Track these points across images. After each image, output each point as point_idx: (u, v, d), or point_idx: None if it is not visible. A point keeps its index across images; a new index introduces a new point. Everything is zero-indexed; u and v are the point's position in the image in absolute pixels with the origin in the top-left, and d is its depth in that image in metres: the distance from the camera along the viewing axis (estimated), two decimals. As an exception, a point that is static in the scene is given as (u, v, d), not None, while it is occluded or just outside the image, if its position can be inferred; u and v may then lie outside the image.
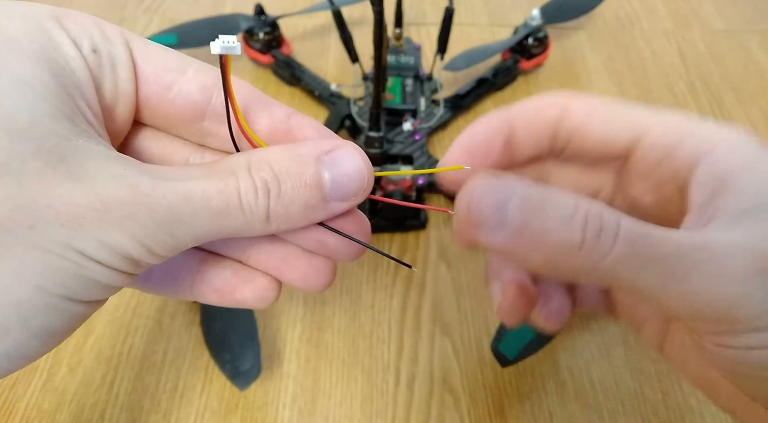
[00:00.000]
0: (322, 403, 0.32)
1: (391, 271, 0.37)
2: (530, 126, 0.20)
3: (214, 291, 0.20)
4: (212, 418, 0.31)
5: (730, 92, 0.50)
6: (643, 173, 0.19)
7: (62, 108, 0.15)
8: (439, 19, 0.43)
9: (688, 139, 0.18)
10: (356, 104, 0.45)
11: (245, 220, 0.16)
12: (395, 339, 0.34)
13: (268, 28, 0.48)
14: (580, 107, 0.20)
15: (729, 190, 0.16)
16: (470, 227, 0.16)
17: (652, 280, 0.15)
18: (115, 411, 0.31)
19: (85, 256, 0.14)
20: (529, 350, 0.33)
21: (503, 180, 0.16)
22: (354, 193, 0.17)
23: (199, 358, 0.33)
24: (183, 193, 0.15)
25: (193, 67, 0.18)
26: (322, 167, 0.17)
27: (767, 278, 0.14)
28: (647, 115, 0.19)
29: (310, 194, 0.16)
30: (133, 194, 0.14)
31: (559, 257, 0.15)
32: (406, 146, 0.41)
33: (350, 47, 0.44)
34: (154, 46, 0.18)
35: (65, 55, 0.16)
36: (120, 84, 0.17)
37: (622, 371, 0.33)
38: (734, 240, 0.15)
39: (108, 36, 0.17)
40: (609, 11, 0.58)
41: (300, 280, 0.20)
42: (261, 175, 0.16)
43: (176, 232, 0.15)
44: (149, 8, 0.57)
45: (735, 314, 0.14)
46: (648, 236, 0.15)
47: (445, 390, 0.32)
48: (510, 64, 0.49)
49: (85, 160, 0.14)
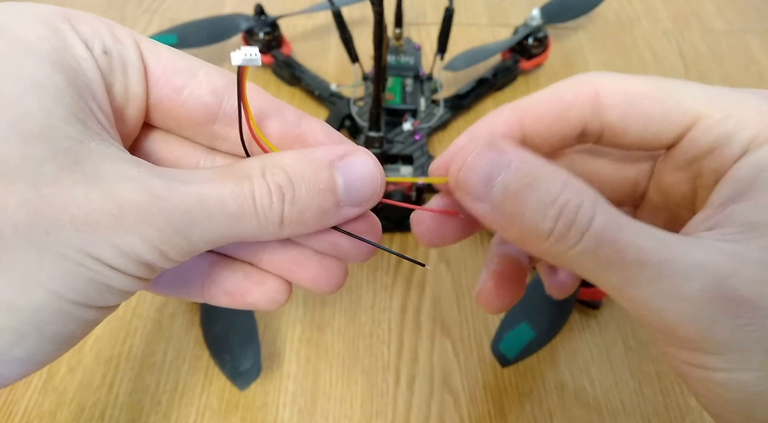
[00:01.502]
0: (322, 403, 0.32)
1: (391, 271, 0.37)
2: (549, 125, 0.19)
3: (225, 293, 0.20)
4: (212, 418, 0.31)
5: (730, 92, 0.50)
6: (685, 164, 0.18)
7: (75, 110, 0.15)
8: (439, 19, 0.43)
9: (741, 132, 0.17)
10: (356, 104, 0.45)
11: (259, 224, 0.16)
12: (395, 339, 0.34)
13: (268, 28, 0.48)
14: (618, 100, 0.18)
15: (748, 198, 0.16)
16: (457, 191, 0.17)
17: (611, 280, 0.15)
18: (115, 411, 0.31)
19: (101, 262, 0.14)
20: (529, 350, 0.33)
21: (498, 151, 0.16)
22: (367, 198, 0.17)
23: (199, 358, 0.33)
24: (198, 197, 0.15)
25: (204, 70, 0.18)
26: (335, 172, 0.17)
27: (715, 307, 0.14)
28: (701, 99, 0.18)
29: (323, 199, 0.16)
30: (149, 198, 0.14)
31: (529, 239, 0.16)
32: (406, 146, 0.41)
33: (350, 47, 0.44)
34: (164, 47, 0.18)
35: (77, 56, 0.16)
36: (130, 86, 0.17)
37: (622, 371, 0.33)
38: (700, 262, 0.15)
39: (119, 38, 0.17)
40: (609, 11, 0.58)
41: (311, 282, 0.20)
42: (276, 179, 0.16)
43: (191, 235, 0.15)
44: (149, 8, 0.57)
45: (678, 331, 0.15)
46: (616, 240, 0.15)
47: (445, 390, 0.32)
48: (510, 64, 0.49)
49: (99, 163, 0.14)
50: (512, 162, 0.16)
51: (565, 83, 0.19)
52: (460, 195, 0.17)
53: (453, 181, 0.17)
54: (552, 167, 0.16)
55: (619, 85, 0.18)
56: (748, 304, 0.14)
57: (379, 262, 0.38)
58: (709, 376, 0.15)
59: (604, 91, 0.18)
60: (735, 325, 0.14)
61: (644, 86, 0.18)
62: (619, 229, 0.15)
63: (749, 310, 0.14)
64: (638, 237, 0.15)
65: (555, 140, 0.19)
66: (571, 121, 0.19)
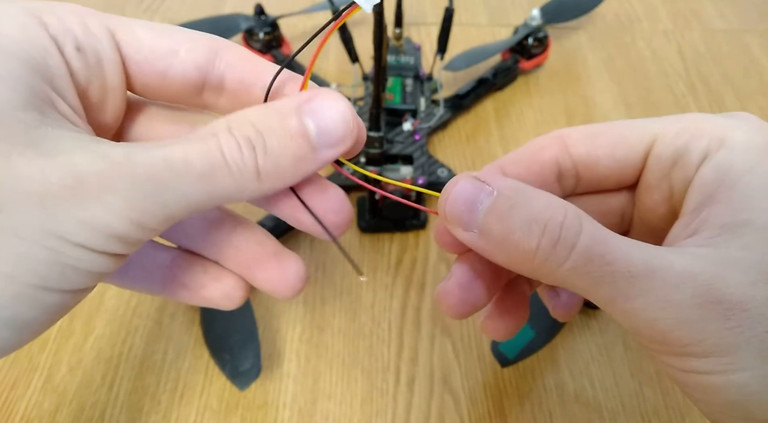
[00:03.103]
0: (322, 403, 0.32)
1: (391, 271, 0.37)
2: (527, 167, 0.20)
3: (182, 287, 0.20)
4: (212, 418, 0.31)
5: (730, 92, 0.50)
6: (656, 183, 0.19)
7: (33, 100, 0.14)
8: (439, 19, 0.43)
9: (697, 141, 0.18)
10: (356, 104, 0.45)
11: (234, 180, 0.15)
12: (395, 339, 0.34)
13: (268, 28, 0.48)
14: (579, 139, 0.20)
15: (718, 200, 0.16)
16: (447, 224, 0.18)
17: (603, 294, 0.16)
18: (115, 411, 0.31)
19: (64, 239, 0.13)
20: (529, 350, 0.33)
21: (480, 180, 0.17)
22: (341, 136, 0.17)
23: (199, 358, 0.33)
24: (162, 159, 0.14)
25: (185, 47, 0.18)
26: (304, 117, 0.16)
27: (705, 311, 0.15)
28: (656, 124, 0.19)
29: (297, 145, 0.16)
30: (108, 165, 0.14)
31: (518, 259, 0.16)
32: (406, 146, 0.41)
33: (350, 47, 0.44)
34: (141, 28, 0.18)
35: (41, 51, 0.15)
36: (108, 79, 0.17)
37: (622, 371, 0.33)
38: (686, 270, 0.15)
39: (92, 31, 0.17)
40: (609, 11, 0.58)
41: (268, 283, 0.20)
42: (243, 132, 0.16)
43: (166, 200, 0.15)
44: (149, 8, 0.57)
45: (670, 337, 0.15)
46: (604, 254, 0.15)
47: (445, 390, 0.32)
48: (510, 64, 0.49)
49: (55, 142, 0.14)
50: (495, 188, 0.16)
51: (537, 137, 0.21)
52: (450, 227, 0.17)
53: (442, 214, 0.18)
54: (534, 189, 0.17)
55: (580, 128, 0.20)
56: (736, 306, 0.15)
57: (379, 263, 0.38)
58: (705, 381, 0.15)
59: (566, 134, 0.20)
60: (725, 328, 0.15)
61: (601, 126, 0.20)
62: (607, 243, 0.15)
63: (737, 313, 0.15)
64: (626, 250, 0.15)
65: (537, 184, 0.20)
66: (545, 162, 0.20)
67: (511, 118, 0.48)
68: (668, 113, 0.20)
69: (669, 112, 0.33)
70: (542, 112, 0.48)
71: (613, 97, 0.50)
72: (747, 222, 0.15)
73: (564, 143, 0.20)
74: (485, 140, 0.46)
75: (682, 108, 0.49)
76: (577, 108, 0.48)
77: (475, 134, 0.46)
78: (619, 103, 0.49)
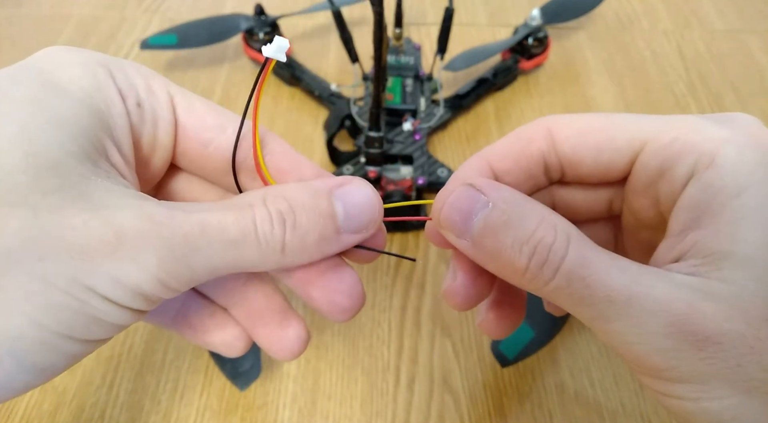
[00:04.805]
0: (322, 403, 0.32)
1: (391, 271, 0.37)
2: (515, 161, 0.20)
3: (189, 327, 0.21)
4: (212, 418, 0.31)
5: (730, 92, 0.50)
6: (642, 190, 0.19)
7: (89, 149, 0.15)
8: (439, 19, 0.43)
9: (686, 156, 0.17)
10: (356, 104, 0.45)
11: (260, 251, 0.16)
12: (395, 339, 0.34)
13: (268, 28, 0.48)
14: (567, 134, 0.19)
15: (705, 225, 0.16)
16: (441, 230, 0.18)
17: (584, 314, 0.16)
18: (115, 411, 0.31)
19: (94, 292, 0.14)
20: (529, 350, 0.33)
21: (478, 190, 0.17)
22: (366, 224, 0.18)
23: (199, 358, 0.33)
24: (199, 223, 0.15)
25: (232, 127, 0.19)
26: (334, 199, 0.17)
27: (678, 341, 0.15)
28: (645, 127, 0.18)
29: (324, 225, 0.17)
30: (149, 224, 0.14)
31: (508, 274, 0.17)
32: (406, 146, 0.41)
33: (350, 47, 0.44)
34: (198, 100, 0.19)
35: (107, 100, 0.16)
36: (159, 137, 0.18)
37: (622, 371, 0.33)
38: (665, 298, 0.15)
39: (153, 90, 0.18)
40: (609, 11, 0.58)
41: (266, 341, 0.21)
42: (277, 206, 0.16)
43: (193, 263, 0.15)
44: (149, 8, 0.57)
45: (646, 362, 0.16)
46: (585, 277, 0.16)
47: (445, 390, 0.32)
48: (510, 64, 0.49)
49: (102, 195, 0.14)
50: (490, 200, 0.17)
51: (524, 126, 0.20)
52: (444, 232, 0.18)
53: (436, 219, 0.18)
54: (529, 204, 0.17)
55: (569, 121, 0.20)
56: (709, 339, 0.15)
57: (379, 262, 0.38)
58: (680, 405, 0.16)
59: (555, 128, 0.20)
60: (698, 358, 0.15)
61: (592, 121, 0.19)
62: (589, 266, 0.16)
63: (710, 345, 0.15)
64: (607, 274, 0.16)
65: (525, 178, 0.20)
66: (533, 156, 0.20)
67: (511, 118, 0.48)
68: (668, 113, 0.19)
69: (669, 113, 0.33)
70: (542, 112, 0.48)
71: (613, 97, 0.50)
72: (730, 254, 0.15)
73: (551, 138, 0.20)
74: (485, 140, 0.46)
75: (682, 108, 0.49)
76: (577, 108, 0.48)
77: (475, 134, 0.46)
78: (619, 103, 0.49)
